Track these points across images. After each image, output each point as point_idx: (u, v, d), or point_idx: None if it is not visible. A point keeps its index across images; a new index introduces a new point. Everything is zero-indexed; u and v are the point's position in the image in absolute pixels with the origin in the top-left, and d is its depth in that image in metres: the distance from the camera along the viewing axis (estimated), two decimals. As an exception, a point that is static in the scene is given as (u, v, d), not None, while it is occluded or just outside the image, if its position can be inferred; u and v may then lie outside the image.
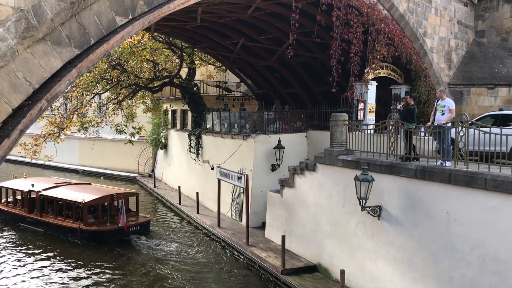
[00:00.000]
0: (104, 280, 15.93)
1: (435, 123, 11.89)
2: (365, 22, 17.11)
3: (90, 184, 24.85)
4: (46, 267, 17.16)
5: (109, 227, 19.93)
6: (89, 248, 19.16)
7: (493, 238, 9.58)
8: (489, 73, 23.24)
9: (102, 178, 37.10)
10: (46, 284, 15.58)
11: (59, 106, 26.21)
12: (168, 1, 10.21)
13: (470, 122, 10.65)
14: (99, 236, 19.79)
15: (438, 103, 12.11)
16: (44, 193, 21.60)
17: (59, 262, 17.63)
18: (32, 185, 22.29)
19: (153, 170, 35.70)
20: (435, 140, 12.28)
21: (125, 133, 29.43)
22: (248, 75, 29.72)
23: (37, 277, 16.16)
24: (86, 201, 19.84)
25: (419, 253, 11.31)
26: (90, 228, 19.72)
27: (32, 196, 21.98)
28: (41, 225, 21.42)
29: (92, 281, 15.81)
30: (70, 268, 17.08)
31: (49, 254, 18.55)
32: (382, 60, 18.23)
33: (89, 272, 16.59)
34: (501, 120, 13.27)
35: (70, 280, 15.94)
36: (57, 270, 16.82)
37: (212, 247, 19.11)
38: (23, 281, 15.85)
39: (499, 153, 10.66)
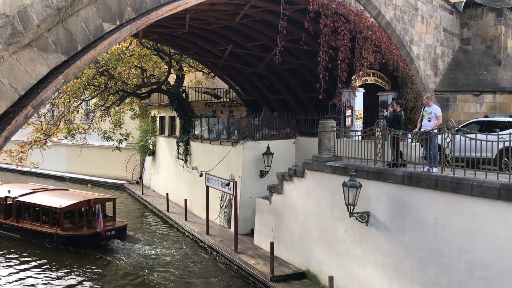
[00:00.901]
0: (80, 283, 16.00)
1: (422, 130, 12.00)
2: (352, 29, 17.26)
3: (67, 189, 25.01)
4: (22, 271, 17.20)
5: (85, 232, 20.13)
6: (66, 252, 19.22)
7: (480, 244, 9.66)
8: (474, 80, 23.56)
9: (89, 185, 36.74)
10: (23, 289, 15.51)
11: (46, 113, 25.92)
12: (156, 7, 10.21)
13: (456, 128, 10.75)
14: (76, 241, 19.93)
15: (424, 109, 12.23)
16: (20, 199, 21.57)
17: (35, 268, 17.66)
18: (9, 191, 22.22)
19: (141, 177, 35.47)
20: (422, 147, 12.38)
21: (112, 140, 29.22)
22: (236, 81, 29.77)
23: (14, 282, 16.09)
24: (62, 206, 19.94)
25: (407, 259, 11.36)
26: (66, 233, 19.85)
27: (8, 203, 21.93)
28: (17, 231, 21.37)
29: (69, 285, 15.86)
30: (47, 273, 17.11)
31: (25, 259, 18.56)
32: (369, 67, 18.39)
33: (66, 277, 16.71)
34: (486, 127, 13.44)
35: (47, 285, 15.90)
36: (33, 275, 16.81)
37: (201, 254, 18.99)
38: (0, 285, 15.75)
39: (485, 159, 10.79)
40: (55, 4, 7.84)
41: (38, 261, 18.28)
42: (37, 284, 16.06)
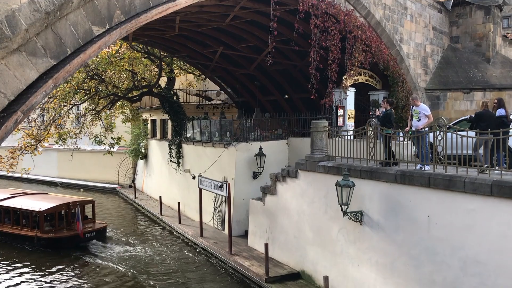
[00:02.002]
0: (60, 284, 16.29)
1: (413, 129, 12.05)
2: (343, 29, 17.31)
3: (47, 193, 25.57)
4: (2, 274, 17.38)
5: (65, 234, 20.55)
6: (46, 255, 19.56)
7: (473, 241, 9.71)
8: (464, 77, 23.73)
9: (82, 190, 36.54)
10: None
11: (36, 118, 25.74)
12: (145, 10, 10.16)
13: (447, 126, 10.80)
14: (56, 243, 20.31)
15: (413, 109, 12.29)
16: (0, 203, 21.78)
17: (16, 269, 17.96)
18: None
19: (133, 181, 35.30)
20: (413, 145, 12.43)
21: (104, 144, 29.07)
22: (228, 83, 29.74)
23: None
24: (42, 209, 20.32)
25: (401, 257, 11.39)
26: (46, 235, 20.26)
27: None
28: None
29: (50, 286, 16.15)
30: (29, 275, 17.36)
31: (5, 262, 18.79)
32: (360, 66, 18.46)
33: (47, 278, 17.03)
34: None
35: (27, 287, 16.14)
36: (14, 278, 17.01)
37: (195, 256, 18.93)
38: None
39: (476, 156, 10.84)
40: (43, 8, 7.77)
41: (18, 264, 18.64)
42: (19, 286, 16.27)
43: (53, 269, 17.82)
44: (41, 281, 16.77)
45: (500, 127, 10.13)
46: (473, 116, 11.78)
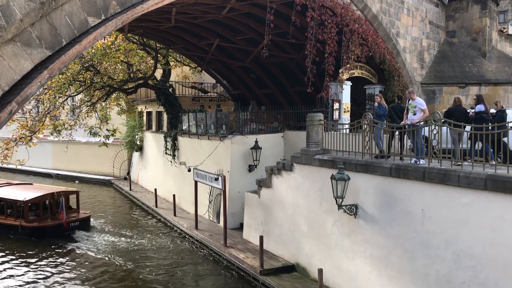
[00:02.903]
0: (44, 271, 16.74)
1: (408, 123, 12.06)
2: (339, 22, 17.27)
3: (31, 184, 25.97)
4: None
5: (49, 223, 21.07)
6: (30, 243, 20.03)
7: (467, 234, 9.77)
8: (460, 72, 23.77)
9: (76, 181, 36.46)
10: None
11: (31, 109, 25.57)
12: (142, 1, 10.09)
13: (442, 120, 10.84)
14: (40, 232, 20.78)
15: (409, 103, 12.30)
16: None
17: (1, 257, 18.31)
18: None
19: (128, 173, 35.24)
20: (409, 139, 12.45)
21: (99, 135, 28.97)
22: (224, 76, 29.66)
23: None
24: (27, 199, 20.80)
25: (395, 250, 11.45)
26: (31, 224, 20.77)
27: None
28: None
29: (33, 274, 16.48)
30: (12, 262, 17.84)
31: None
32: (356, 60, 18.44)
33: (31, 265, 17.40)
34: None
35: (8, 275, 16.47)
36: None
37: (190, 249, 18.97)
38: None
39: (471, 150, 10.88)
40: (38, -2, 7.70)
41: (2, 252, 18.99)
42: (2, 273, 16.58)
43: (37, 257, 18.26)
44: (25, 268, 17.20)
45: (468, 122, 10.85)
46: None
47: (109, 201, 29.55)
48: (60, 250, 19.16)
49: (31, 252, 18.86)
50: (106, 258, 17.98)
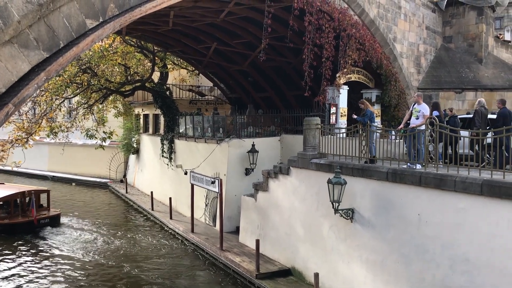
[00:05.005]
0: (14, 267, 17.47)
1: (410, 126, 12.07)
2: (337, 27, 17.33)
3: (3, 183, 26.71)
4: None
5: (20, 220, 22.18)
6: (1, 239, 20.86)
7: (462, 239, 9.79)
8: (456, 77, 23.87)
9: (73, 184, 36.37)
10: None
11: (28, 111, 25.53)
12: (140, 4, 10.10)
13: (439, 125, 10.87)
14: (10, 229, 21.81)
15: (414, 107, 12.31)
16: None
17: None
18: None
19: (124, 176, 35.15)
20: (405, 144, 12.47)
21: (96, 138, 28.91)
22: (221, 79, 29.66)
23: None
24: None
25: (391, 255, 11.46)
26: (2, 221, 21.90)
27: None
28: None
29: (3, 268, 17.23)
30: None
31: None
32: (353, 64, 18.49)
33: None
34: (469, 124, 13.61)
35: None
36: None
37: (186, 252, 18.92)
38: None
39: (468, 155, 10.93)
40: (36, 0, 7.70)
41: None
42: None
43: (6, 252, 19.22)
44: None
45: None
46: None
47: (104, 204, 29.46)
48: (30, 246, 20.01)
49: (2, 248, 19.75)
50: (75, 256, 18.61)
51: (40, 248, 19.81)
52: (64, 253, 19.15)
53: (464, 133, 11.30)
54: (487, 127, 12.28)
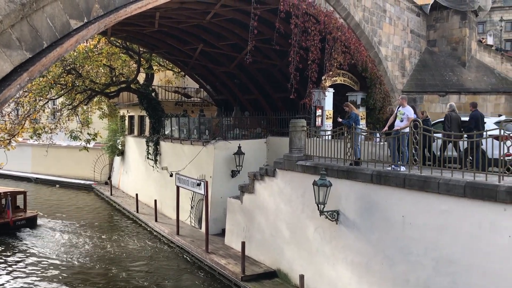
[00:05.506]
0: None
1: (395, 128, 12.19)
2: (322, 30, 17.41)
3: None
4: None
5: None
6: None
7: (446, 241, 9.89)
8: (440, 81, 24.16)
9: (57, 186, 35.95)
10: None
11: (10, 112, 25.19)
12: (125, 5, 10.03)
13: (423, 128, 10.98)
14: None
15: (398, 109, 12.44)
16: None
17: None
18: None
19: (109, 178, 34.85)
20: (389, 147, 12.57)
21: (80, 139, 28.61)
22: (207, 81, 29.60)
23: None
24: None
25: (376, 256, 11.53)
26: None
27: None
28: None
29: None
30: None
31: None
32: (339, 67, 18.60)
33: None
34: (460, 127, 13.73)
35: None
36: None
37: (171, 255, 18.81)
38: None
39: (451, 157, 11.07)
40: (19, -1, 7.60)
41: None
42: None
43: None
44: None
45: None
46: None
47: (88, 206, 29.16)
48: (4, 247, 19.91)
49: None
50: (52, 256, 18.67)
51: (15, 250, 19.60)
52: (43, 255, 18.90)
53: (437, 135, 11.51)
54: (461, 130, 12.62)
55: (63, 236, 21.57)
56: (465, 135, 10.98)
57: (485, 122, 12.69)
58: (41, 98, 25.12)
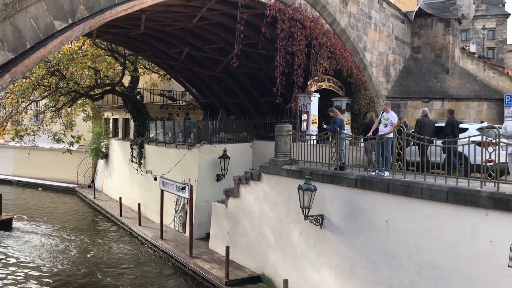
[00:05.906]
0: None
1: (378, 134, 12.30)
2: (308, 35, 17.50)
3: None
4: None
5: None
6: None
7: (429, 246, 9.97)
8: (424, 87, 24.46)
9: (40, 189, 35.42)
10: None
11: (-9, 113, 24.82)
12: (110, 7, 9.97)
13: (407, 133, 11.08)
14: None
15: (382, 115, 12.55)
16: None
17: None
18: None
19: (93, 181, 34.48)
20: (373, 152, 12.67)
21: (63, 142, 28.27)
22: (193, 84, 29.53)
23: None
24: None
25: (360, 261, 11.58)
26: None
27: None
28: None
29: None
30: None
31: None
32: (325, 73, 18.71)
33: None
34: (436, 132, 13.95)
35: None
36: None
37: (155, 259, 18.65)
38: None
39: (434, 163, 11.20)
40: (2, -1, 7.50)
41: None
42: None
43: None
44: None
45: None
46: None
47: (71, 209, 28.81)
48: None
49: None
50: (25, 259, 18.46)
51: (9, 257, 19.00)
52: (17, 258, 18.57)
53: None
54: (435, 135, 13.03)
55: (42, 240, 21.21)
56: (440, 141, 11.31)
57: (467, 129, 13.01)
58: (24, 99, 24.76)
